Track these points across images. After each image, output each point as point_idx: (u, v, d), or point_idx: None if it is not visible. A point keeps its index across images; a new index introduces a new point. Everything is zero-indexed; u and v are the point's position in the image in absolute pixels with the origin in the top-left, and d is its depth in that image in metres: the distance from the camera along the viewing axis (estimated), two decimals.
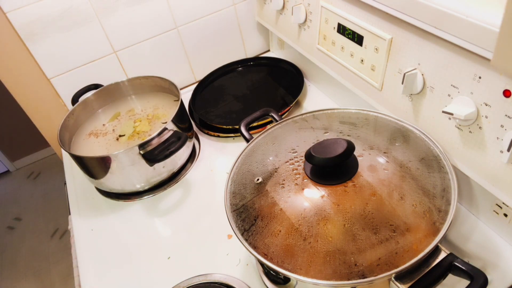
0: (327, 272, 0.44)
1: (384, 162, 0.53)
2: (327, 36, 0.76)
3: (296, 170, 0.54)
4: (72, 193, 0.86)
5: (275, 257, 0.47)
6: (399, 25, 0.58)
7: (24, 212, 2.22)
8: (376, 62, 0.65)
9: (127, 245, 0.72)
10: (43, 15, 0.85)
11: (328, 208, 0.49)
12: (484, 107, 0.49)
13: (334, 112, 0.65)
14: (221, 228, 0.70)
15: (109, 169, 0.74)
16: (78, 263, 0.72)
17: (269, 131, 0.64)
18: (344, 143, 0.50)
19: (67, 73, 0.94)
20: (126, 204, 0.80)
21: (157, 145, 0.73)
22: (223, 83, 1.05)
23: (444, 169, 0.51)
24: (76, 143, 0.85)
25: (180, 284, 0.63)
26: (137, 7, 0.93)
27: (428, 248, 0.43)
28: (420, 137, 0.57)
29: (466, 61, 0.49)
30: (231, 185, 0.57)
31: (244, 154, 0.61)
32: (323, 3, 0.74)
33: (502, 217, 0.57)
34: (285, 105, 0.91)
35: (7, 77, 0.90)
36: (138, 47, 0.98)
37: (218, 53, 1.09)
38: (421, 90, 0.58)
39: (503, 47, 0.34)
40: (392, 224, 0.46)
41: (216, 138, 0.90)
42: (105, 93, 0.92)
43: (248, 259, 0.65)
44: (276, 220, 0.50)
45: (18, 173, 2.51)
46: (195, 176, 0.83)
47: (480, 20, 0.44)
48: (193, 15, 1.00)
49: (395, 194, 0.49)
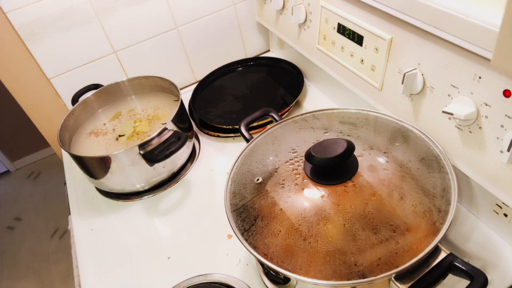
0: (327, 272, 0.44)
1: (384, 162, 0.53)
2: (327, 36, 0.76)
3: (296, 170, 0.54)
4: (72, 193, 0.86)
5: (275, 257, 0.47)
6: (399, 25, 0.58)
7: (24, 212, 2.22)
8: (376, 62, 0.65)
9: (127, 245, 0.72)
10: (43, 15, 0.85)
11: (328, 208, 0.49)
12: (484, 107, 0.49)
13: (334, 112, 0.65)
14: (221, 228, 0.70)
15: (109, 169, 0.74)
16: (78, 263, 0.72)
17: (269, 131, 0.64)
18: (344, 143, 0.50)
19: (67, 73, 0.94)
20: (126, 204, 0.80)
21: (157, 145, 0.73)
22: (223, 83, 1.05)
23: (444, 169, 0.51)
24: (76, 143, 0.85)
25: (180, 284, 0.63)
26: (137, 7, 0.93)
27: (428, 248, 0.43)
28: (420, 137, 0.57)
29: (466, 61, 0.49)
30: (231, 185, 0.57)
31: (244, 154, 0.61)
32: (323, 3, 0.74)
33: (502, 217, 0.57)
34: (285, 105, 0.91)
35: (7, 77, 0.90)
36: (138, 47, 0.98)
37: (218, 53, 1.09)
38: (421, 90, 0.58)
39: (503, 47, 0.34)
40: (392, 224, 0.46)
41: (216, 138, 0.90)
42: (105, 93, 0.92)
43: (248, 259, 0.65)
44: (276, 220, 0.50)
45: (18, 173, 2.51)
46: (195, 176, 0.83)
47: (480, 20, 0.44)
48: (193, 15, 1.00)
49: (395, 194, 0.49)
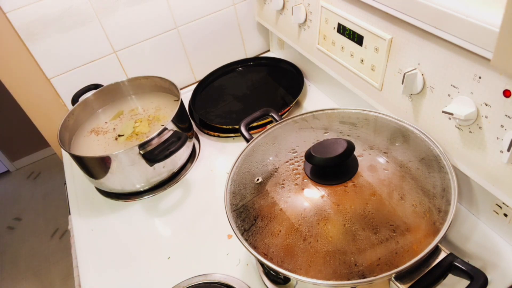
0: (327, 272, 0.44)
1: (384, 162, 0.53)
2: (327, 36, 0.76)
3: (296, 170, 0.54)
4: (72, 193, 0.86)
5: (275, 257, 0.47)
6: (399, 25, 0.58)
7: (24, 212, 2.22)
8: (376, 62, 0.65)
9: (127, 245, 0.72)
10: (43, 15, 0.85)
11: (328, 208, 0.49)
12: (484, 107, 0.49)
13: (334, 112, 0.64)
14: (221, 228, 0.70)
15: (109, 169, 0.74)
16: (78, 263, 0.72)
17: (269, 131, 0.64)
18: (344, 143, 0.50)
19: (67, 73, 0.94)
20: (126, 204, 0.80)
21: (157, 145, 0.73)
22: (223, 83, 1.05)
23: (444, 169, 0.51)
24: (76, 143, 0.85)
25: (180, 284, 0.63)
26: (137, 7, 0.93)
27: (428, 248, 0.43)
28: (420, 137, 0.57)
29: (466, 61, 0.49)
30: (231, 185, 0.57)
31: (244, 154, 0.61)
32: (323, 3, 0.74)
33: (502, 217, 0.57)
34: (285, 105, 0.91)
35: (7, 77, 0.90)
36: (138, 47, 0.98)
37: (218, 53, 1.09)
38: (421, 90, 0.58)
39: (503, 47, 0.34)
40: (392, 224, 0.46)
41: (216, 138, 0.90)
42: (105, 93, 0.92)
43: (248, 259, 0.65)
44: (276, 220, 0.50)
45: (18, 173, 2.51)
46: (195, 176, 0.83)
47: (480, 20, 0.44)
48: (193, 15, 1.00)
49: (395, 194, 0.49)
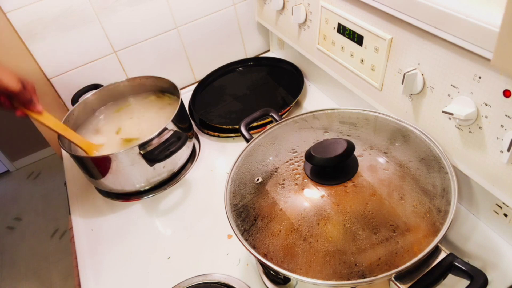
0: (327, 272, 0.44)
1: (384, 162, 0.53)
2: (327, 36, 0.76)
3: (296, 170, 0.54)
4: (72, 193, 0.86)
5: (275, 257, 0.47)
6: (399, 25, 0.58)
7: (24, 212, 2.22)
8: (376, 62, 0.65)
9: (127, 245, 0.72)
10: (43, 15, 0.85)
11: (328, 208, 0.49)
12: (484, 107, 0.49)
13: (334, 112, 0.64)
14: (221, 228, 0.70)
15: (109, 169, 0.74)
16: (78, 263, 0.72)
17: (269, 131, 0.64)
18: (344, 143, 0.50)
19: (67, 73, 0.94)
20: (126, 204, 0.80)
21: (157, 145, 0.73)
22: (223, 83, 1.05)
23: (444, 169, 0.51)
24: None
25: (180, 284, 0.63)
26: (137, 7, 0.93)
27: (428, 248, 0.43)
28: (420, 137, 0.57)
29: (466, 61, 0.49)
30: (231, 185, 0.57)
31: (244, 154, 0.61)
32: (323, 3, 0.74)
33: (502, 217, 0.57)
34: (285, 105, 0.91)
35: None
36: (138, 47, 0.98)
37: (218, 53, 1.09)
38: (421, 90, 0.58)
39: (503, 47, 0.34)
40: (392, 224, 0.46)
41: (216, 138, 0.90)
42: (105, 93, 0.92)
43: (248, 259, 0.65)
44: (276, 220, 0.50)
45: (18, 173, 2.51)
46: (195, 176, 0.83)
47: (480, 20, 0.44)
48: (193, 15, 1.00)
49: (395, 194, 0.49)
